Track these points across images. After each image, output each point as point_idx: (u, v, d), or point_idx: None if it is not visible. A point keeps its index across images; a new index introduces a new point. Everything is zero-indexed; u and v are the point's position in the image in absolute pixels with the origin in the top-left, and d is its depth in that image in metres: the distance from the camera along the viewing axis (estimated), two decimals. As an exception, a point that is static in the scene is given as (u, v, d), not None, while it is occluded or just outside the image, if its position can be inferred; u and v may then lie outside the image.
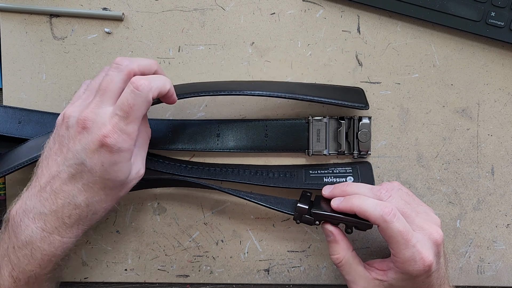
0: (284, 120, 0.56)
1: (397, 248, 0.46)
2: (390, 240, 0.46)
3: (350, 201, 0.48)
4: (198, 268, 0.59)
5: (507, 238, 0.58)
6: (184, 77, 0.57)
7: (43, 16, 0.58)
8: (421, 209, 0.50)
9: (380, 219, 0.46)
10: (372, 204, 0.47)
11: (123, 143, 0.44)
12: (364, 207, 0.47)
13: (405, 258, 0.46)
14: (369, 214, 0.47)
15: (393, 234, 0.46)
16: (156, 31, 0.57)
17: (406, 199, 0.50)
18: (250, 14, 0.57)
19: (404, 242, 0.46)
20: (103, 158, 0.43)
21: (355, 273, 0.50)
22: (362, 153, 0.56)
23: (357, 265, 0.50)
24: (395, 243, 0.46)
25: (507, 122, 0.57)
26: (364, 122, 0.55)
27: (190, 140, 0.56)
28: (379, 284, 0.49)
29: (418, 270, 0.46)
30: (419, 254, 0.46)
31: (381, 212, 0.46)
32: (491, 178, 0.57)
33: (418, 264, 0.46)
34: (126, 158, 0.45)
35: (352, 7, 0.57)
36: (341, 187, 0.51)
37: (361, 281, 0.50)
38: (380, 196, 0.49)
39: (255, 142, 0.56)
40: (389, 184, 0.51)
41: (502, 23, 0.54)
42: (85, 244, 0.59)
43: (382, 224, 0.46)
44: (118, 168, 0.44)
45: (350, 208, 0.48)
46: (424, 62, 0.57)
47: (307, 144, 0.56)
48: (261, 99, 0.57)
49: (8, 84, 0.58)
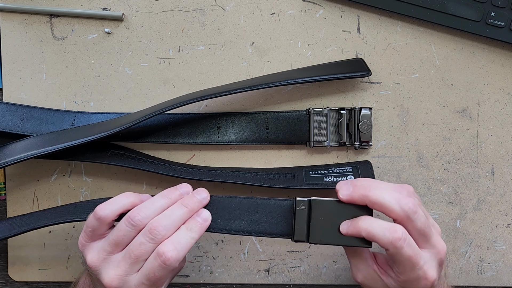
0: (285, 112, 0.56)
1: (403, 270, 0.45)
2: (397, 263, 0.45)
3: (358, 225, 0.45)
4: (198, 268, 0.59)
5: (507, 238, 0.58)
6: (184, 77, 0.58)
7: (43, 16, 0.58)
8: (431, 220, 0.48)
9: (390, 245, 0.43)
10: (381, 229, 0.44)
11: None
12: (372, 232, 0.44)
13: (409, 278, 0.45)
14: (378, 239, 0.44)
15: (402, 259, 0.44)
16: (156, 31, 0.57)
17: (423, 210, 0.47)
18: (250, 14, 0.57)
19: (412, 266, 0.44)
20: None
21: (359, 257, 0.48)
22: (363, 144, 0.56)
23: (363, 250, 0.48)
24: (402, 266, 0.45)
25: (507, 122, 0.57)
26: (365, 113, 0.55)
27: (191, 133, 0.56)
28: (377, 279, 0.48)
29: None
30: (424, 275, 0.44)
31: (390, 238, 0.43)
32: (491, 178, 0.57)
33: (421, 283, 0.45)
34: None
35: (352, 7, 0.57)
36: (362, 191, 0.46)
37: (362, 267, 0.48)
38: (406, 211, 0.44)
39: (256, 134, 0.56)
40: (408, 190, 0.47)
41: (502, 23, 0.54)
42: (85, 244, 0.59)
43: (392, 250, 0.44)
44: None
45: (358, 233, 0.45)
46: (424, 62, 0.57)
47: (308, 136, 0.56)
48: (261, 98, 0.57)
49: (8, 84, 0.58)
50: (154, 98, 0.58)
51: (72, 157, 0.56)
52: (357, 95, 0.57)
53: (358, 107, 0.55)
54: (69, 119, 0.57)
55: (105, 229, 0.47)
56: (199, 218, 0.47)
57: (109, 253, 0.45)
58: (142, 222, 0.45)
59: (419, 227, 0.44)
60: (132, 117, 0.54)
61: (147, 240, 0.44)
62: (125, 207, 0.47)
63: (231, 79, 0.57)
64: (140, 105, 0.58)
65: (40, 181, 0.59)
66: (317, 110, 0.56)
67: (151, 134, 0.56)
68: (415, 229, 0.44)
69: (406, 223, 0.44)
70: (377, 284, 0.48)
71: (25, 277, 0.59)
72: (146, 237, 0.44)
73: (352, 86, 0.57)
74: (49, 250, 0.59)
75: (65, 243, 0.59)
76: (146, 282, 0.44)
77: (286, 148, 0.58)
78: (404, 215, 0.44)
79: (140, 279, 0.45)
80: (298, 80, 0.53)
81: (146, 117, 0.52)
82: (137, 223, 0.45)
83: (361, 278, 0.48)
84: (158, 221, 0.45)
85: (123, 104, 0.58)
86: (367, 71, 0.54)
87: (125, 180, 0.58)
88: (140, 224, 0.45)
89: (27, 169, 0.59)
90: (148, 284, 0.44)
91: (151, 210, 0.46)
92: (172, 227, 0.45)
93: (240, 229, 0.49)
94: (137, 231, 0.45)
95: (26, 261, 0.59)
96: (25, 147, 0.54)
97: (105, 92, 0.58)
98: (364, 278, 0.48)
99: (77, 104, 0.58)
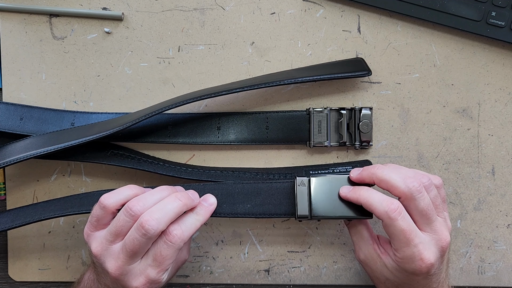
0: (285, 112, 0.56)
1: (398, 245, 0.46)
2: (392, 236, 0.47)
3: (358, 192, 0.48)
4: (198, 268, 0.59)
5: (508, 238, 0.57)
6: (184, 77, 0.57)
7: (42, 16, 0.58)
8: (444, 215, 0.49)
9: (385, 215, 0.46)
10: (379, 200, 0.47)
11: (157, 286, 0.47)
12: (370, 200, 0.47)
13: (404, 256, 0.46)
14: (374, 208, 0.46)
15: (395, 231, 0.46)
16: (156, 31, 0.57)
17: (436, 201, 0.48)
18: (250, 13, 0.57)
19: (406, 241, 0.46)
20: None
21: (360, 236, 0.51)
22: (363, 144, 0.56)
23: (363, 229, 0.51)
24: (397, 241, 0.46)
25: (508, 122, 0.57)
26: (365, 113, 0.55)
27: (191, 133, 0.56)
28: (376, 258, 0.49)
29: (414, 269, 0.46)
30: (419, 255, 0.46)
31: (386, 208, 0.46)
32: (492, 178, 0.57)
33: (416, 264, 0.46)
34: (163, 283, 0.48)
35: (352, 6, 0.56)
36: (371, 169, 0.49)
37: (363, 246, 0.50)
38: (410, 188, 0.46)
39: (256, 134, 0.56)
40: (431, 178, 0.48)
41: (503, 23, 0.54)
42: (85, 244, 0.59)
43: (386, 220, 0.46)
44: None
45: (357, 199, 0.48)
46: (424, 62, 0.57)
47: (308, 136, 0.56)
48: (261, 98, 0.57)
49: (8, 84, 0.58)
50: (154, 98, 0.58)
51: (71, 157, 0.56)
52: (357, 95, 0.57)
53: (359, 107, 0.55)
54: (69, 119, 0.57)
55: (109, 218, 0.48)
56: (204, 202, 0.50)
57: (110, 243, 0.46)
58: (140, 213, 0.46)
59: (422, 208, 0.46)
60: (132, 116, 0.54)
61: (140, 236, 0.44)
62: (128, 198, 0.47)
63: (231, 79, 0.57)
64: (140, 105, 0.58)
65: (40, 181, 0.59)
66: (317, 110, 0.56)
67: (151, 134, 0.56)
68: (417, 209, 0.46)
69: (409, 201, 0.46)
70: (376, 263, 0.49)
71: (25, 277, 0.59)
72: (138, 232, 0.44)
73: (353, 86, 0.57)
74: (49, 250, 0.59)
75: (65, 243, 0.59)
76: (153, 264, 0.45)
77: (286, 148, 0.57)
78: (408, 192, 0.46)
79: (146, 262, 0.46)
80: (298, 80, 0.53)
81: (145, 116, 0.52)
82: (135, 213, 0.45)
83: (362, 257, 0.50)
84: (150, 214, 0.45)
85: (123, 104, 0.58)
86: (368, 71, 0.54)
87: (124, 180, 0.58)
88: (137, 215, 0.45)
89: (27, 169, 0.59)
90: (155, 265, 0.45)
91: (149, 201, 0.46)
92: (164, 221, 0.45)
93: (245, 211, 0.51)
94: (134, 222, 0.46)
95: (26, 261, 0.59)
96: (24, 147, 0.54)
97: (105, 92, 0.58)
98: (365, 257, 0.50)
99: (77, 104, 0.58)
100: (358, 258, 0.51)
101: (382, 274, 0.49)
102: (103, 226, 0.48)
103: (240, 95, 0.57)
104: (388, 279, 0.49)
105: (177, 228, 0.46)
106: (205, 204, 0.50)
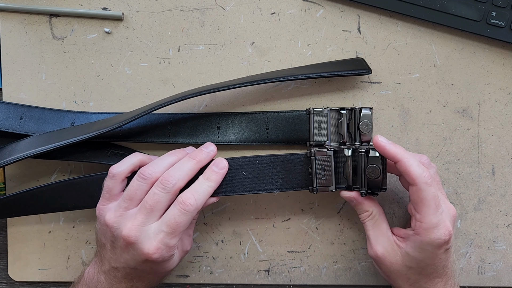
0: (285, 112, 0.56)
1: (426, 212, 0.47)
2: (422, 203, 0.47)
3: (397, 149, 0.48)
4: (198, 268, 0.59)
5: (508, 238, 0.57)
6: (184, 77, 0.57)
7: (42, 16, 0.58)
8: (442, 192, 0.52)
9: (422, 179, 0.46)
10: (416, 163, 0.47)
11: (168, 254, 0.48)
12: (410, 161, 0.47)
13: (432, 223, 0.47)
14: (411, 170, 0.47)
15: (428, 197, 0.47)
16: (156, 31, 0.57)
17: (436, 177, 0.52)
18: (250, 13, 0.57)
19: (435, 207, 0.47)
20: (152, 265, 0.48)
21: (378, 230, 0.51)
22: (363, 144, 0.56)
23: (382, 221, 0.51)
24: (426, 207, 0.47)
25: (508, 122, 0.57)
26: (365, 113, 0.55)
27: (191, 133, 0.56)
28: (397, 249, 0.50)
29: (439, 238, 0.47)
30: (443, 222, 0.47)
31: (424, 173, 0.47)
32: (492, 178, 0.57)
33: (441, 232, 0.47)
34: (172, 259, 0.50)
35: (352, 6, 0.56)
36: (397, 148, 0.49)
37: (382, 239, 0.51)
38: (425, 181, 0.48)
39: (256, 134, 0.56)
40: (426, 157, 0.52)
41: (503, 23, 0.54)
42: (85, 244, 0.59)
43: (421, 185, 0.47)
44: (166, 265, 0.50)
45: (394, 154, 0.48)
46: (424, 62, 0.57)
47: (308, 136, 0.56)
48: (261, 98, 0.57)
49: (8, 84, 0.58)
50: (154, 98, 0.57)
51: (71, 157, 0.56)
52: (357, 95, 0.57)
53: (359, 107, 0.55)
54: (69, 119, 0.57)
55: (120, 187, 0.50)
56: (215, 167, 0.51)
57: (125, 209, 0.48)
58: (152, 176, 0.49)
59: (436, 194, 0.47)
60: (131, 114, 0.54)
61: (159, 190, 0.48)
62: (135, 164, 0.51)
63: (231, 79, 0.57)
64: (140, 105, 0.58)
65: (40, 181, 0.59)
66: (317, 110, 0.56)
67: (151, 134, 0.56)
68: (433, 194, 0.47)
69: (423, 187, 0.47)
70: (397, 255, 0.50)
71: (25, 277, 0.59)
72: (158, 188, 0.48)
73: (353, 86, 0.57)
74: (49, 250, 0.59)
75: (65, 243, 0.59)
76: (166, 229, 0.47)
77: (286, 148, 0.57)
78: (422, 179, 0.47)
79: (159, 226, 0.47)
80: (298, 76, 0.53)
81: (144, 113, 0.52)
82: (148, 176, 0.48)
83: (381, 251, 0.50)
84: (169, 173, 0.49)
85: (123, 104, 0.58)
86: (367, 69, 0.54)
87: (125, 180, 0.58)
88: (150, 177, 0.48)
89: (27, 169, 0.59)
90: (167, 231, 0.47)
91: (160, 165, 0.50)
92: (182, 178, 0.49)
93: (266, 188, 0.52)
94: (148, 185, 0.48)
95: (26, 261, 0.59)
96: (24, 146, 0.54)
97: (105, 92, 0.58)
98: (384, 249, 0.50)
99: (77, 104, 0.58)
100: (375, 254, 0.51)
101: (404, 264, 0.49)
102: (116, 197, 0.50)
103: (240, 95, 0.57)
104: (410, 268, 0.49)
105: (190, 197, 0.48)
106: (216, 169, 0.51)
